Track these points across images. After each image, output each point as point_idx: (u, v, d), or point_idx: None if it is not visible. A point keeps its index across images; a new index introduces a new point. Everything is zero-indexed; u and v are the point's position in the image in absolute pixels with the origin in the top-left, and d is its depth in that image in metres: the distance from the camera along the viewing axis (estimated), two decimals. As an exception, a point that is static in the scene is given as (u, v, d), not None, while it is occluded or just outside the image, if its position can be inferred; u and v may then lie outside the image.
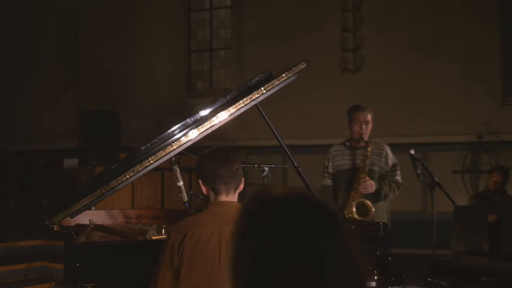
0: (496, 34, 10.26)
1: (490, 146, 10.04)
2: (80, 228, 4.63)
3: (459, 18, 10.31)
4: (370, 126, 5.64)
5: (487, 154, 10.07)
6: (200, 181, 3.33)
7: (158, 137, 4.25)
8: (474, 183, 9.96)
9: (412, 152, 5.05)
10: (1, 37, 13.66)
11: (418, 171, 4.93)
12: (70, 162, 10.07)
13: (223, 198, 3.28)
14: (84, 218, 4.73)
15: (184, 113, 4.37)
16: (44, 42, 13.32)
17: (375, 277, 3.81)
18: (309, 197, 1.39)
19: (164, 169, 8.22)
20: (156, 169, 4.59)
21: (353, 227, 4.18)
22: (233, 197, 3.31)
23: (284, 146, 4.42)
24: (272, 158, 11.18)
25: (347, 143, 5.80)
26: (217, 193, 3.28)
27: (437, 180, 4.79)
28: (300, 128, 10.90)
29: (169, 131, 4.25)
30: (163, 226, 4.66)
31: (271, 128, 4.43)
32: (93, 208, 8.09)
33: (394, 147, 9.83)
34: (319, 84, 10.96)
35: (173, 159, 4.75)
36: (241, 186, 3.36)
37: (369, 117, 5.65)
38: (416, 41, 10.48)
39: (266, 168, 4.77)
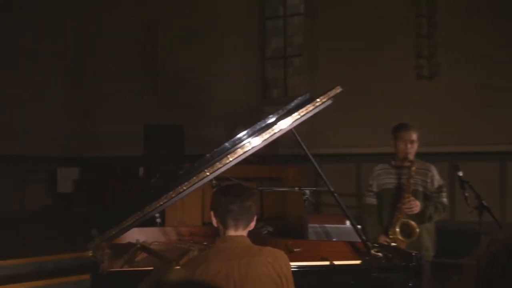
0: None
1: None
2: (129, 247, 4.72)
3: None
4: (415, 145, 5.54)
5: None
6: (212, 213, 3.34)
7: (197, 161, 4.28)
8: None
9: (461, 174, 4.89)
10: (83, 46, 14.18)
11: (466, 194, 4.76)
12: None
13: (232, 233, 3.27)
14: (137, 236, 4.82)
15: (259, 120, 4.37)
16: (123, 50, 13.73)
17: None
18: None
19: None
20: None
21: (389, 255, 4.10)
22: (241, 233, 3.29)
23: (319, 169, 4.34)
24: (346, 167, 11.14)
25: (392, 162, 5.72)
26: (226, 227, 3.27)
27: (485, 204, 4.62)
28: (376, 136, 10.74)
29: (207, 155, 4.27)
30: (211, 245, 4.69)
31: (305, 152, 4.37)
32: (158, 220, 8.24)
33: (470, 156, 9.69)
34: (394, 91, 10.79)
35: (214, 182, 4.80)
36: (252, 225, 3.34)
37: (414, 136, 5.56)
38: (493, 47, 10.12)
39: (307, 191, 4.75)
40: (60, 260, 7.90)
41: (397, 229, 5.24)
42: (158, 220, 8.17)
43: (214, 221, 3.34)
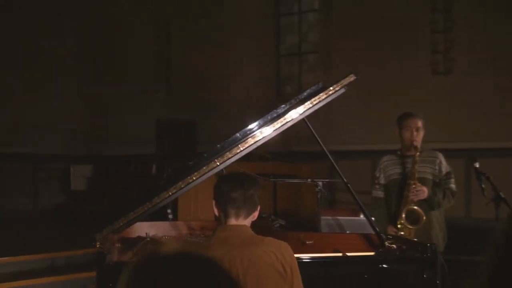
0: None
1: None
2: (139, 241, 4.65)
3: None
4: (421, 132, 5.41)
5: None
6: (213, 202, 3.26)
7: (207, 151, 4.20)
8: None
9: (477, 165, 4.78)
10: (97, 45, 14.19)
11: (483, 186, 4.65)
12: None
13: (233, 222, 3.18)
14: (147, 230, 4.75)
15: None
16: (137, 49, 13.72)
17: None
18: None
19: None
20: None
21: (404, 247, 4.00)
22: (243, 222, 3.19)
23: (333, 161, 4.26)
24: (360, 163, 11.02)
25: (398, 152, 5.61)
26: (226, 216, 3.19)
27: (503, 196, 4.51)
28: (390, 132, 10.61)
29: (218, 146, 4.19)
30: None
31: (319, 142, 4.29)
32: (170, 216, 8.15)
33: (486, 152, 9.54)
34: (409, 87, 10.67)
35: (224, 171, 4.70)
36: (255, 214, 3.24)
37: (420, 123, 5.43)
38: (510, 41, 9.97)
39: (320, 183, 4.66)
40: (72, 256, 7.87)
41: (403, 215, 5.12)
42: (170, 216, 8.10)
43: (216, 211, 3.25)
